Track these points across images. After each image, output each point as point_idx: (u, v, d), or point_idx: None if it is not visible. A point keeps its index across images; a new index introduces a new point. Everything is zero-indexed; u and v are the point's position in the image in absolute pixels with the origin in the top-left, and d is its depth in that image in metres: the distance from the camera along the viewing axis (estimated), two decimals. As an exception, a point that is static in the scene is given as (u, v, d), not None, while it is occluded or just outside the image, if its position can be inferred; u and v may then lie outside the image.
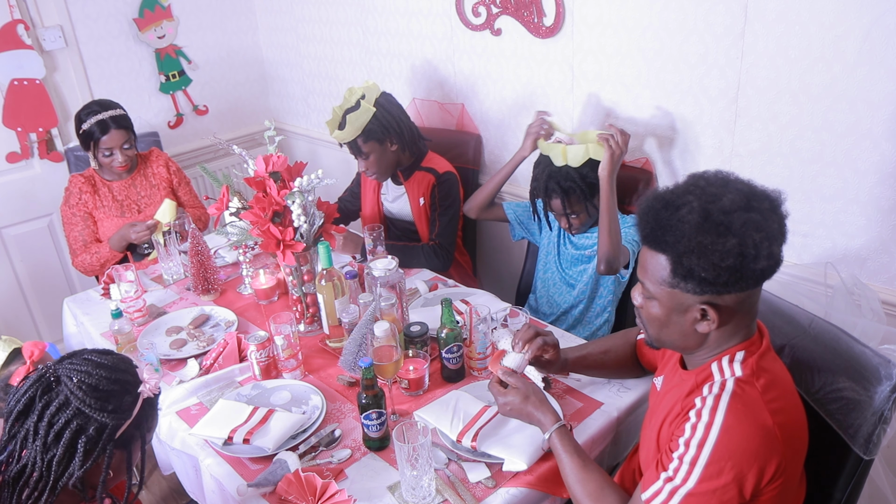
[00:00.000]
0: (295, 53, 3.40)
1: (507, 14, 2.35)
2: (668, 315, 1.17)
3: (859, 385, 1.27)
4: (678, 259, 1.10)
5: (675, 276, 1.12)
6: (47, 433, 1.14)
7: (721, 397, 1.13)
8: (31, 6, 2.83)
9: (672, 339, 1.21)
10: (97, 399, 1.16)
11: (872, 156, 1.70)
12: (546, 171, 2.05)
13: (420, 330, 1.74)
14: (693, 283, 1.10)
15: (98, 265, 2.46)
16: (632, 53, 2.08)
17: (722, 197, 1.09)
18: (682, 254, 1.09)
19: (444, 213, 2.38)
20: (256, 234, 1.86)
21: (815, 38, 1.70)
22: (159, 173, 2.64)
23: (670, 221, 1.10)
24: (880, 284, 1.79)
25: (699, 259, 1.07)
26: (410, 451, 1.32)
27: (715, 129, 1.97)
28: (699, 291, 1.11)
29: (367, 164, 2.32)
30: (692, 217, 1.08)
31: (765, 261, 1.08)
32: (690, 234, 1.07)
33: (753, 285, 1.13)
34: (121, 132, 2.43)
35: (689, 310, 1.15)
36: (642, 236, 1.16)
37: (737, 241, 1.06)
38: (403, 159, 2.39)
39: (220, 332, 2.02)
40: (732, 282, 1.09)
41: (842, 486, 1.31)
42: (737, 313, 1.15)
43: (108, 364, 1.20)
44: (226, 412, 1.62)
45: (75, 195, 2.50)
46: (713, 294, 1.11)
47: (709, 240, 1.06)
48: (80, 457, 1.14)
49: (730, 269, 1.07)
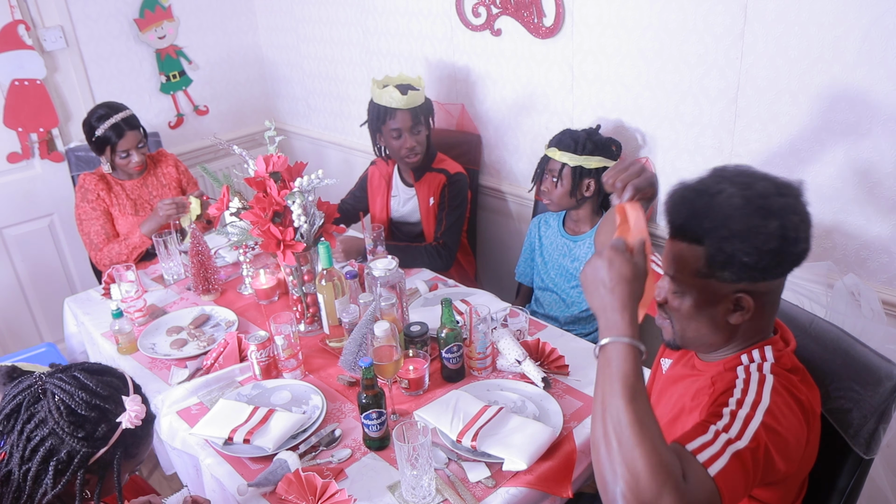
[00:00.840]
0: (295, 54, 3.40)
1: (507, 14, 2.36)
2: (699, 308, 1.14)
3: (859, 385, 1.27)
4: (718, 246, 1.07)
5: (711, 266, 1.09)
6: (25, 447, 1.13)
7: (764, 374, 1.12)
8: (32, 6, 2.83)
9: (700, 333, 1.17)
10: (71, 423, 1.13)
11: (872, 156, 1.70)
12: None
13: (420, 330, 1.74)
14: (731, 270, 1.08)
15: (127, 252, 2.46)
16: (632, 53, 2.08)
17: (754, 184, 1.08)
18: (724, 239, 1.06)
19: (451, 212, 2.39)
20: (257, 234, 1.86)
21: (814, 39, 1.70)
22: (169, 173, 2.65)
23: (708, 208, 1.08)
24: (880, 284, 1.79)
25: (742, 243, 1.05)
26: (410, 450, 1.32)
27: (715, 129, 1.97)
28: (736, 279, 1.09)
29: (418, 139, 2.34)
30: (734, 201, 1.06)
31: (803, 244, 1.08)
32: (733, 217, 1.06)
33: (787, 271, 1.12)
34: (134, 133, 2.45)
35: (721, 300, 1.12)
36: (674, 228, 1.13)
37: (779, 223, 1.05)
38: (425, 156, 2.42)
39: (220, 332, 2.02)
40: (772, 266, 1.08)
41: (842, 486, 1.31)
42: (766, 304, 1.14)
43: (92, 387, 1.17)
44: (226, 412, 1.62)
45: (92, 192, 2.50)
46: (749, 282, 1.09)
47: (753, 222, 1.05)
48: (50, 478, 1.12)
49: (772, 253, 1.06)
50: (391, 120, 2.30)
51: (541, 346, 1.77)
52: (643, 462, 0.93)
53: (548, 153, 2.11)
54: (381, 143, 2.42)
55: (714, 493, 0.98)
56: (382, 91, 2.29)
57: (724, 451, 1.01)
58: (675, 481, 0.93)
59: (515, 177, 2.63)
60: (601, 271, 1.05)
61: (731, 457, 1.00)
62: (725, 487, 0.99)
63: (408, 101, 2.27)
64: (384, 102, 2.30)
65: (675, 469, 0.95)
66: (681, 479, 0.95)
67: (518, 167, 2.60)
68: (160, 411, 1.71)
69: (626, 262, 1.04)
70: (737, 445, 1.02)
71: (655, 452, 0.94)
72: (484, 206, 2.78)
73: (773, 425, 1.05)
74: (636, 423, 0.95)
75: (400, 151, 2.35)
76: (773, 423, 1.05)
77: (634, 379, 0.99)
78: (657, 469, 0.92)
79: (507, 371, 1.75)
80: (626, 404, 0.96)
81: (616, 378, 0.99)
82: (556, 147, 2.09)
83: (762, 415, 1.06)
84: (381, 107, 2.32)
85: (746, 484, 1.02)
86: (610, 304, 1.03)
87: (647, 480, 0.92)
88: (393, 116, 2.30)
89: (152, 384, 1.82)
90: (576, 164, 2.04)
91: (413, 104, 2.29)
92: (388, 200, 2.55)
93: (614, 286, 1.03)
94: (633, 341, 1.01)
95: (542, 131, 2.44)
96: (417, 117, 2.31)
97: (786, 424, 1.07)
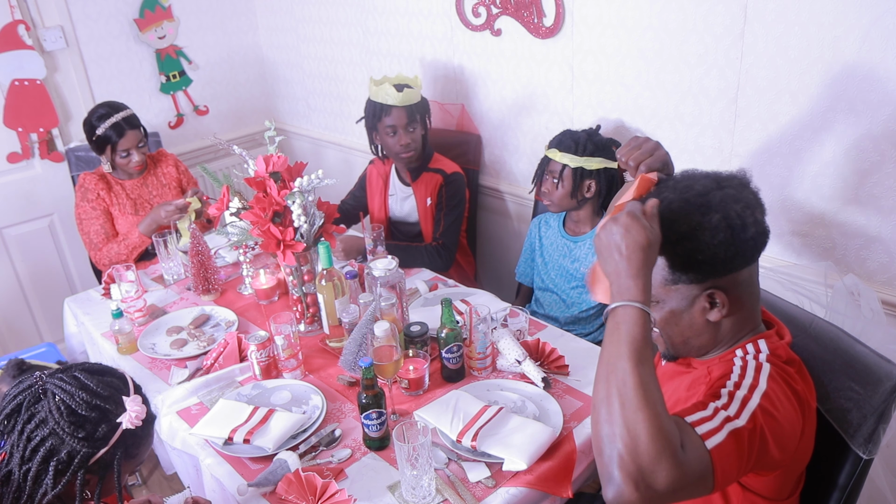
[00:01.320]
0: (295, 54, 3.40)
1: (507, 14, 2.36)
2: (677, 313, 1.16)
3: (859, 385, 1.27)
4: (672, 251, 1.10)
5: (674, 272, 1.12)
6: (25, 447, 1.13)
7: (761, 363, 1.13)
8: (32, 7, 2.83)
9: (685, 336, 1.19)
10: (71, 423, 1.13)
11: (872, 156, 1.70)
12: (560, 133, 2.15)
13: (420, 330, 1.74)
14: (693, 271, 1.11)
15: (126, 252, 2.46)
16: (632, 53, 2.08)
17: (693, 185, 1.12)
18: (675, 243, 1.09)
19: (449, 213, 2.39)
20: (257, 234, 1.86)
21: (814, 39, 1.70)
22: (169, 173, 2.66)
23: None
24: (880, 285, 1.79)
25: (692, 242, 1.08)
26: (410, 450, 1.32)
27: (715, 129, 1.97)
28: (702, 279, 1.12)
29: (413, 136, 2.35)
30: (674, 206, 1.10)
31: (753, 228, 1.09)
32: (678, 221, 1.09)
33: (750, 259, 1.14)
34: (135, 132, 2.45)
35: (695, 301, 1.14)
36: None
37: (720, 215, 1.08)
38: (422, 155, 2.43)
39: (220, 332, 2.02)
40: (730, 258, 1.09)
41: (841, 486, 1.30)
42: (742, 295, 1.15)
43: (93, 387, 1.17)
44: (226, 412, 1.62)
45: (92, 191, 2.50)
46: (715, 277, 1.12)
47: (695, 220, 1.08)
48: (50, 478, 1.12)
49: (723, 245, 1.08)
50: (386, 117, 2.31)
51: (541, 346, 1.77)
52: (645, 425, 0.92)
53: (548, 154, 2.11)
54: (377, 142, 2.43)
55: (709, 467, 0.98)
56: (378, 88, 2.30)
57: (722, 427, 1.01)
58: (673, 449, 0.93)
59: (515, 177, 2.63)
60: (616, 236, 1.04)
61: (728, 434, 1.01)
62: (720, 464, 0.99)
63: (403, 99, 2.28)
64: (380, 99, 2.30)
65: (675, 438, 0.95)
66: (679, 448, 0.95)
67: (518, 167, 2.60)
68: (160, 411, 1.71)
69: (642, 229, 1.03)
70: (735, 423, 1.02)
71: (657, 418, 0.93)
72: (484, 206, 2.78)
73: (769, 409, 1.06)
74: (641, 386, 0.95)
75: (394, 148, 2.35)
76: (770, 408, 1.06)
77: (642, 344, 0.99)
78: (658, 434, 0.92)
79: (507, 371, 1.75)
80: (632, 367, 0.96)
81: (625, 341, 0.98)
82: (556, 148, 2.09)
83: (759, 398, 1.07)
84: (376, 104, 2.33)
85: (740, 465, 1.02)
86: (625, 269, 1.03)
87: (647, 444, 0.92)
88: (388, 113, 2.31)
89: (152, 384, 1.82)
90: (577, 165, 2.04)
91: (408, 101, 2.30)
92: (385, 200, 2.55)
93: (630, 253, 1.02)
94: (644, 307, 1.01)
95: (542, 131, 2.44)
96: (413, 115, 2.32)
97: (782, 411, 1.08)
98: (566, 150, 2.06)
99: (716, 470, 0.98)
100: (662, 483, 0.91)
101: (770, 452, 1.06)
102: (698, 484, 0.98)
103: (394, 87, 2.28)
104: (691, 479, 0.95)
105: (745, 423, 1.03)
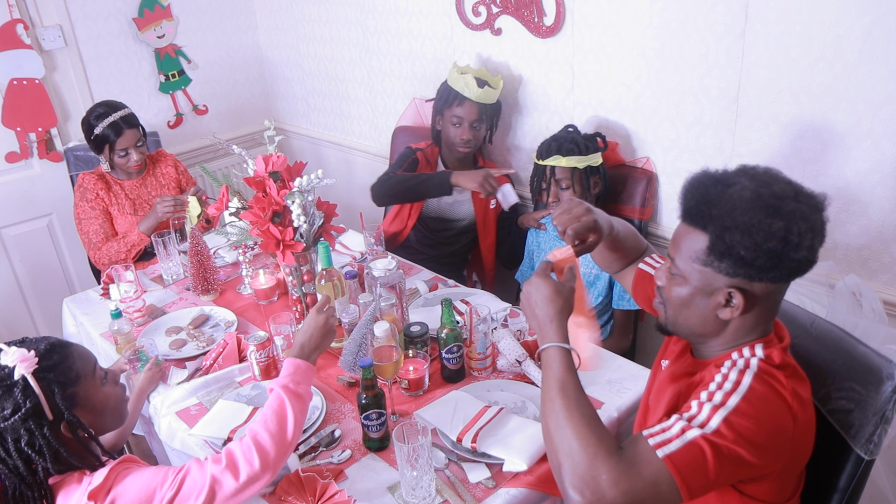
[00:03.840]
0: (295, 53, 3.39)
1: (508, 13, 2.35)
2: (693, 296, 1.15)
3: (861, 385, 1.27)
4: (720, 234, 1.08)
5: (710, 254, 1.10)
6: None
7: (748, 367, 1.12)
8: (31, 6, 2.83)
9: (689, 322, 1.18)
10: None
11: (873, 155, 1.69)
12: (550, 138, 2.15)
13: (420, 330, 1.74)
14: (728, 262, 1.09)
15: (125, 251, 2.45)
16: (632, 53, 2.08)
17: (772, 184, 1.10)
18: (726, 228, 1.07)
19: None
20: (256, 234, 1.86)
21: (815, 38, 1.69)
22: (168, 173, 2.65)
23: (720, 197, 1.09)
24: (882, 285, 1.78)
25: (742, 236, 1.06)
26: (410, 451, 1.31)
27: (716, 128, 1.97)
28: (732, 273, 1.10)
29: (475, 134, 2.37)
30: (744, 194, 1.08)
31: (805, 252, 1.07)
32: (739, 209, 1.07)
33: (786, 278, 1.12)
34: (133, 131, 2.44)
35: (715, 292, 1.13)
36: (684, 210, 1.15)
37: (783, 224, 1.05)
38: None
39: (219, 332, 2.01)
40: (769, 267, 1.08)
41: (842, 487, 1.30)
42: (760, 306, 1.13)
43: None
44: (225, 412, 1.62)
45: (91, 191, 2.50)
46: (745, 278, 1.10)
47: (757, 218, 1.06)
48: (37, 457, 1.21)
49: (769, 253, 1.06)
50: (458, 106, 2.34)
51: (541, 346, 1.77)
52: (573, 436, 1.06)
53: (550, 163, 2.09)
54: (438, 126, 2.44)
55: (662, 473, 1.02)
56: (460, 76, 2.32)
57: (680, 435, 1.05)
58: (606, 451, 1.03)
59: (515, 176, 2.62)
60: (531, 296, 1.25)
61: (686, 443, 1.04)
62: (681, 474, 1.02)
63: (481, 95, 2.30)
64: (458, 88, 2.32)
65: (607, 441, 1.05)
66: (613, 449, 1.04)
67: (518, 167, 2.60)
68: (159, 412, 1.71)
69: (548, 284, 1.23)
70: (697, 432, 1.05)
71: (585, 427, 1.07)
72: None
73: (740, 422, 1.06)
74: (565, 407, 1.10)
75: (455, 139, 2.38)
76: (741, 420, 1.06)
77: (564, 374, 1.15)
78: (587, 441, 1.05)
79: (508, 371, 1.75)
80: (557, 395, 1.13)
81: (552, 377, 1.15)
82: (559, 154, 2.07)
83: (737, 401, 1.07)
84: (452, 90, 2.34)
85: (708, 476, 1.03)
86: (542, 319, 1.22)
87: (580, 454, 1.04)
88: (461, 104, 2.33)
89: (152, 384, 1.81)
90: (585, 164, 2.05)
91: (484, 99, 2.32)
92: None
93: (544, 306, 1.22)
94: (561, 344, 1.18)
95: (542, 131, 2.44)
96: (483, 113, 2.35)
97: (761, 420, 1.07)
98: (570, 154, 2.05)
99: (677, 477, 1.02)
100: (608, 488, 1.00)
101: (746, 461, 1.05)
102: (656, 491, 1.02)
103: (475, 80, 2.30)
104: (642, 485, 1.02)
105: (708, 434, 1.05)
